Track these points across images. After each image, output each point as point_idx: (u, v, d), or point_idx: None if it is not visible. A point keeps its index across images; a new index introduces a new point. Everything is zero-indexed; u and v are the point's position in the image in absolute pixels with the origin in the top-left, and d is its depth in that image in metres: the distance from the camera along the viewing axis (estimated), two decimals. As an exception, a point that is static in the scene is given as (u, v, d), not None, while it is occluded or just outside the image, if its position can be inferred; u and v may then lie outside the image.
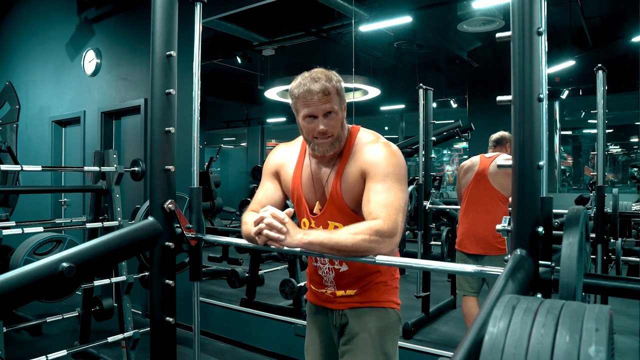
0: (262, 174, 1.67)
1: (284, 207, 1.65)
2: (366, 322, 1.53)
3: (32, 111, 5.89)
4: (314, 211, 1.53)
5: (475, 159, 3.18)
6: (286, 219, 1.36)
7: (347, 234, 1.31)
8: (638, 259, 3.14)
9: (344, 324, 1.58)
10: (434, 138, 4.05)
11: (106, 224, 3.02)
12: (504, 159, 3.03)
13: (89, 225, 3.02)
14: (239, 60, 5.51)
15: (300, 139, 1.62)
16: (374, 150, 1.44)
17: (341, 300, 1.57)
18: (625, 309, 3.30)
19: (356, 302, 1.55)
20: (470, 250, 3.05)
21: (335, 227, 1.48)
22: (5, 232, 2.56)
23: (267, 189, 1.62)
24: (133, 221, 3.05)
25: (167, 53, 1.84)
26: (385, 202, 1.34)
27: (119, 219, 3.02)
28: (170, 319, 1.85)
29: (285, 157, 1.62)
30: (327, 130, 1.42)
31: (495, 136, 3.20)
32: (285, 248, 1.39)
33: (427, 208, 3.73)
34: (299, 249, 1.39)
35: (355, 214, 1.47)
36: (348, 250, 1.30)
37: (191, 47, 1.84)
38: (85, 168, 3.10)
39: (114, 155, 3.01)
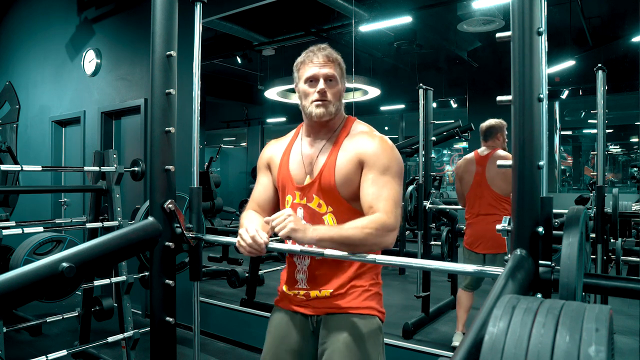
0: (256, 172, 1.68)
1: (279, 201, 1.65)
2: (342, 332, 1.44)
3: (32, 111, 5.89)
4: (305, 183, 1.50)
5: (470, 157, 3.20)
6: (289, 221, 1.33)
7: (355, 228, 1.32)
8: (638, 259, 3.14)
9: (319, 332, 1.49)
10: (434, 138, 4.04)
11: (106, 224, 3.02)
12: (500, 156, 3.05)
13: (89, 225, 3.02)
14: (239, 60, 5.51)
15: (291, 132, 1.64)
16: (373, 142, 1.44)
17: (316, 305, 1.49)
18: (625, 309, 3.30)
19: (332, 308, 1.47)
20: (482, 251, 3.11)
21: (319, 205, 1.47)
22: (5, 232, 2.56)
23: (262, 184, 1.64)
24: (133, 221, 3.05)
25: (167, 53, 1.84)
26: (386, 196, 1.36)
27: (119, 219, 3.02)
28: (170, 319, 1.85)
29: (276, 148, 1.63)
30: (325, 92, 1.45)
31: (484, 126, 3.19)
32: (297, 248, 1.42)
33: (427, 208, 3.73)
34: (299, 249, 1.42)
35: (339, 194, 1.45)
36: (356, 244, 1.32)
37: (191, 47, 1.84)
38: (85, 168, 3.09)
39: (114, 155, 3.01)
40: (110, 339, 2.92)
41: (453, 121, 5.03)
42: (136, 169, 3.19)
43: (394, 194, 1.38)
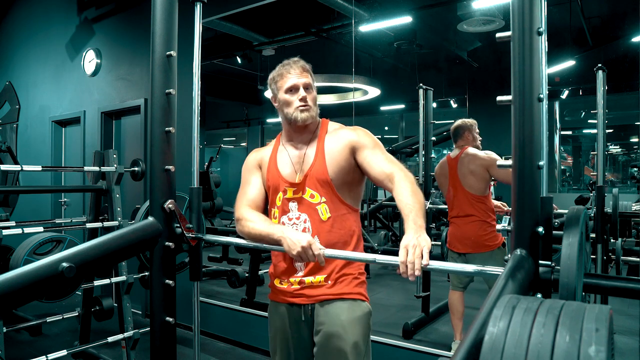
0: (242, 175, 1.76)
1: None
2: (337, 315, 1.55)
3: (32, 111, 5.89)
4: (296, 180, 1.62)
5: (443, 161, 3.26)
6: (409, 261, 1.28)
7: (413, 196, 1.40)
8: (638, 259, 3.14)
9: (313, 319, 1.59)
10: (434, 138, 4.05)
11: (106, 224, 3.02)
12: (469, 154, 3.07)
13: (89, 225, 3.02)
14: (239, 60, 5.51)
15: (272, 141, 1.76)
16: (354, 131, 1.64)
17: (309, 293, 1.59)
18: (625, 309, 3.30)
19: (326, 295, 1.58)
20: (460, 250, 3.15)
21: (312, 196, 1.59)
22: (5, 232, 2.56)
23: (255, 183, 1.72)
24: (133, 221, 3.05)
25: (167, 53, 1.84)
26: (389, 160, 1.56)
27: (119, 219, 3.02)
28: (170, 319, 1.85)
29: (263, 153, 1.75)
30: (307, 98, 1.61)
31: (452, 128, 3.26)
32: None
33: (427, 208, 3.73)
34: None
35: (331, 182, 1.59)
36: (424, 207, 1.41)
37: (191, 47, 1.84)
38: (85, 168, 3.10)
39: (114, 155, 3.01)
40: (110, 339, 2.92)
41: (453, 121, 5.01)
42: (136, 169, 3.19)
43: (391, 157, 1.59)
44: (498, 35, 1.14)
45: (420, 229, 1.33)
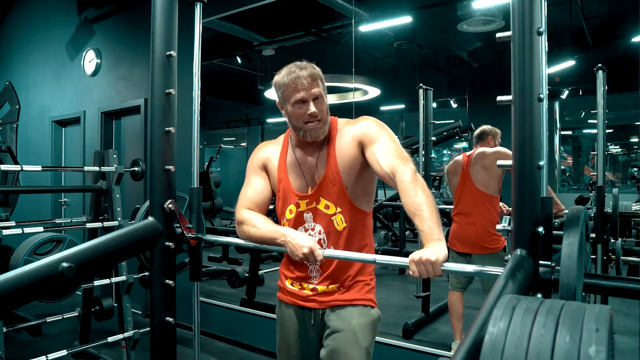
0: (246, 172, 1.68)
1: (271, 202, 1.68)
2: (349, 320, 1.54)
3: (32, 111, 5.89)
4: (309, 192, 1.55)
5: (459, 158, 3.25)
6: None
7: (422, 196, 1.32)
8: (638, 259, 3.14)
9: (324, 322, 1.58)
10: (434, 138, 4.05)
11: (106, 224, 3.02)
12: (482, 151, 3.08)
13: (89, 225, 3.02)
14: (239, 60, 5.51)
15: (280, 137, 1.67)
16: (360, 124, 1.54)
17: (321, 299, 1.57)
18: (625, 309, 3.30)
19: (338, 301, 1.56)
20: (459, 249, 3.13)
21: (327, 207, 1.53)
22: (5, 232, 2.56)
23: (258, 185, 1.64)
24: (133, 221, 3.05)
25: (167, 53, 1.84)
26: (396, 154, 1.43)
27: (119, 219, 3.02)
28: (170, 319, 1.85)
29: (270, 151, 1.66)
30: (317, 113, 1.49)
31: (477, 131, 3.28)
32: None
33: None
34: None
35: (346, 190, 1.52)
36: (435, 205, 1.34)
37: (191, 47, 1.84)
38: (85, 168, 3.09)
39: (114, 155, 3.01)
40: (110, 339, 2.92)
41: (453, 121, 5.02)
42: (136, 169, 3.19)
43: (399, 149, 1.45)
44: (498, 35, 1.14)
45: (437, 244, 1.27)
